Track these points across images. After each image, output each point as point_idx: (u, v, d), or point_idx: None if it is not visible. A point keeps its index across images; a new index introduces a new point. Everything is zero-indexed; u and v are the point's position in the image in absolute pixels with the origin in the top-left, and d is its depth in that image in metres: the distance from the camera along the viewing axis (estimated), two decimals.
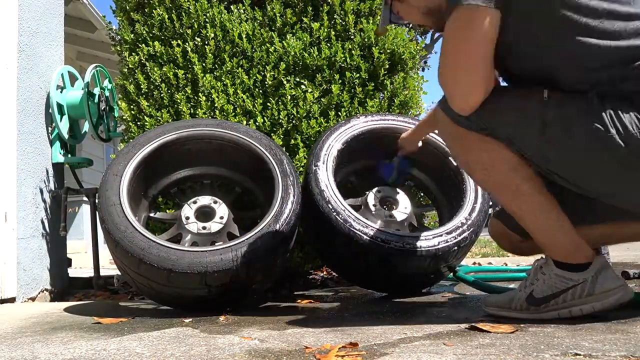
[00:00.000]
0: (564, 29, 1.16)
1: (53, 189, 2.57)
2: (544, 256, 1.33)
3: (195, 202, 1.92)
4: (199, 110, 2.17)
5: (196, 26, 2.26)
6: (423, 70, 11.37)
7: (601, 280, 1.23)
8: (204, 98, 2.18)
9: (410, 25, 1.84)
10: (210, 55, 2.23)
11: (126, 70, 2.31)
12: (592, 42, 1.14)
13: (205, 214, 1.92)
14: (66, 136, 2.58)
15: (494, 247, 5.40)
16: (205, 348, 1.13)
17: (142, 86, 2.24)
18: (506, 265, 3.28)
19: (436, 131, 1.99)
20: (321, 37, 2.28)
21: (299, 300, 1.92)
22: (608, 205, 1.29)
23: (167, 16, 2.27)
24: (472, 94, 1.23)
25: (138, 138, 1.91)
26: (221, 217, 1.90)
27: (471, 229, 1.86)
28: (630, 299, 1.25)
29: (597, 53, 1.14)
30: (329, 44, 2.28)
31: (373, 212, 2.01)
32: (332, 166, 1.93)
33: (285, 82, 2.21)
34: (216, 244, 1.77)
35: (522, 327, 1.20)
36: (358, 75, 2.27)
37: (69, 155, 2.68)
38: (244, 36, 2.25)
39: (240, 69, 2.22)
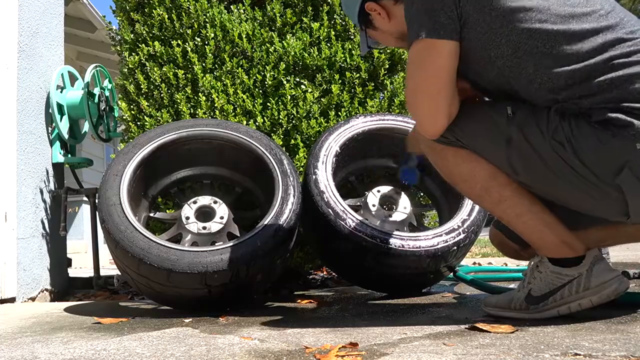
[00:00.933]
0: (522, 55, 1.19)
1: (53, 189, 2.57)
2: (539, 255, 1.33)
3: (195, 202, 1.92)
4: (199, 110, 2.17)
5: (196, 26, 2.26)
6: None
7: (596, 273, 1.24)
8: (204, 98, 2.18)
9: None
10: (210, 55, 2.23)
11: (126, 70, 2.31)
12: (549, 66, 1.17)
13: (205, 214, 1.92)
14: (66, 136, 2.58)
15: (494, 247, 5.40)
16: (205, 348, 1.13)
17: (142, 86, 2.24)
18: (506, 265, 3.28)
19: None
20: (321, 37, 2.28)
21: (299, 300, 1.92)
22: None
23: (167, 16, 2.27)
24: (435, 120, 1.28)
25: (138, 138, 1.91)
26: (221, 217, 1.90)
27: (471, 229, 1.86)
28: (627, 288, 1.26)
29: (556, 76, 1.17)
30: (329, 44, 2.28)
31: (373, 213, 2.01)
32: (332, 166, 1.93)
33: (285, 82, 2.21)
34: (216, 244, 1.77)
35: (522, 327, 1.20)
36: (358, 75, 2.27)
37: (69, 155, 2.68)
38: (244, 36, 2.25)
39: (240, 69, 2.22)
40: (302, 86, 2.23)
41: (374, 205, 2.02)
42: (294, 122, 2.20)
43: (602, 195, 1.19)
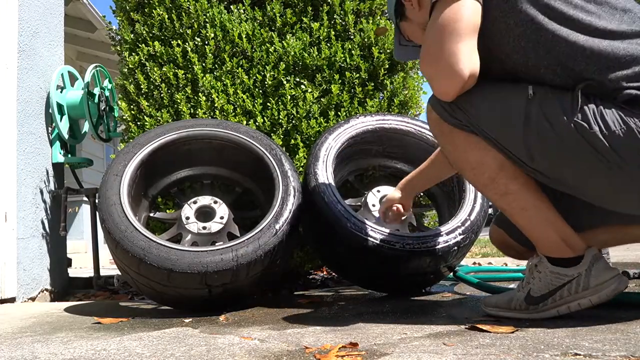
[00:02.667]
0: (543, 34, 1.18)
1: (53, 189, 2.57)
2: (538, 254, 1.33)
3: (195, 202, 1.93)
4: (199, 110, 2.17)
5: (196, 26, 2.26)
6: None
7: (595, 273, 1.23)
8: (204, 98, 2.18)
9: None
10: (210, 55, 2.23)
11: (126, 70, 2.32)
12: (573, 44, 1.16)
13: (205, 214, 1.92)
14: (66, 136, 2.58)
15: (494, 247, 5.40)
16: (205, 348, 1.13)
17: (142, 86, 2.24)
18: (506, 265, 3.28)
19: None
20: (321, 37, 2.28)
21: (299, 300, 1.92)
22: (603, 210, 1.29)
23: (167, 16, 2.27)
24: (456, 70, 1.19)
25: (138, 138, 1.92)
26: (221, 217, 1.90)
27: (471, 229, 1.86)
28: (626, 287, 1.26)
29: (575, 56, 1.16)
30: (329, 44, 2.28)
31: (373, 212, 2.01)
32: (332, 166, 1.93)
33: (285, 82, 2.21)
34: (216, 244, 1.78)
35: (522, 327, 1.20)
36: (358, 75, 2.27)
37: (69, 155, 2.68)
38: (244, 36, 2.25)
39: (240, 69, 2.22)
40: (302, 86, 2.23)
41: (374, 205, 2.02)
42: (293, 122, 2.20)
43: (625, 181, 1.15)
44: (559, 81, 1.19)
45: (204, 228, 1.86)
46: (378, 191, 2.07)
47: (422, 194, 2.36)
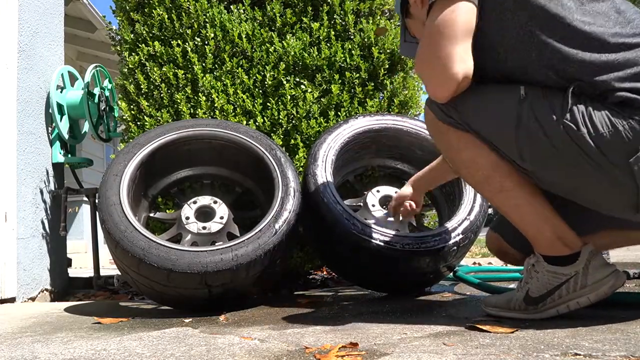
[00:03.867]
0: (536, 39, 1.18)
1: (53, 189, 2.57)
2: (535, 254, 1.33)
3: (195, 202, 1.93)
4: (199, 110, 2.17)
5: (196, 26, 2.26)
6: None
7: (592, 271, 1.24)
8: (204, 98, 2.18)
9: None
10: (210, 55, 2.23)
11: (126, 70, 2.31)
12: (565, 53, 1.16)
13: (205, 214, 1.92)
14: (66, 136, 2.58)
15: None
16: (205, 348, 1.13)
17: (142, 86, 2.24)
18: (506, 265, 3.28)
19: None
20: (321, 37, 2.28)
21: (299, 300, 1.92)
22: (602, 214, 1.29)
23: (167, 16, 2.27)
24: (450, 73, 1.20)
25: (138, 138, 1.92)
26: (221, 217, 1.90)
27: (470, 229, 1.86)
28: (623, 282, 1.26)
29: (571, 63, 1.16)
30: (328, 44, 2.28)
31: (372, 212, 2.01)
32: (331, 166, 1.93)
33: (285, 82, 2.21)
34: (216, 244, 1.78)
35: (522, 327, 1.20)
36: (358, 75, 2.27)
37: (69, 155, 2.68)
38: (243, 36, 2.25)
39: (240, 69, 2.22)
40: (302, 86, 2.23)
41: (373, 205, 2.02)
42: (293, 122, 2.20)
43: (612, 182, 1.15)
44: (551, 82, 1.20)
45: (204, 228, 1.86)
46: (378, 191, 2.07)
47: None
